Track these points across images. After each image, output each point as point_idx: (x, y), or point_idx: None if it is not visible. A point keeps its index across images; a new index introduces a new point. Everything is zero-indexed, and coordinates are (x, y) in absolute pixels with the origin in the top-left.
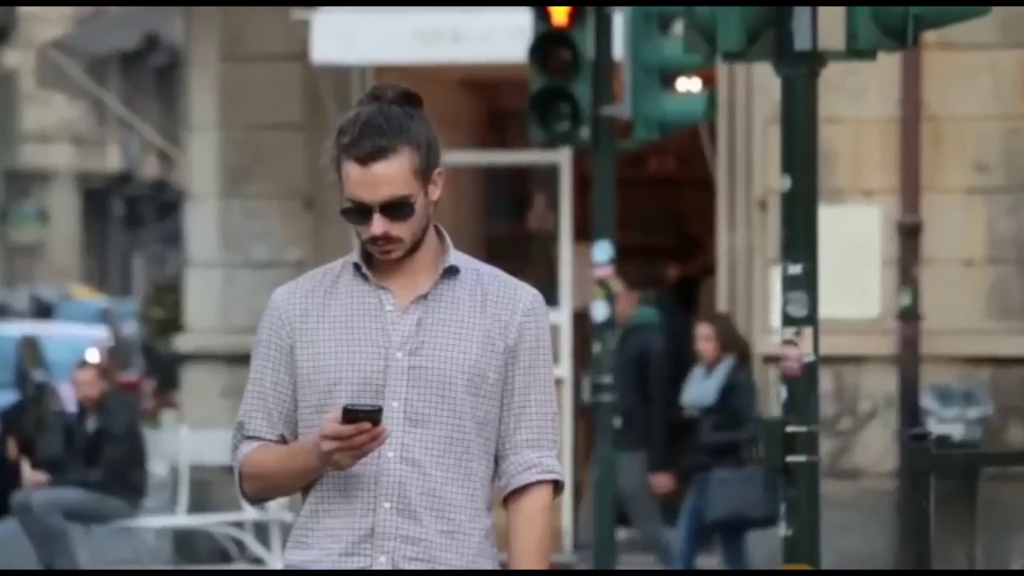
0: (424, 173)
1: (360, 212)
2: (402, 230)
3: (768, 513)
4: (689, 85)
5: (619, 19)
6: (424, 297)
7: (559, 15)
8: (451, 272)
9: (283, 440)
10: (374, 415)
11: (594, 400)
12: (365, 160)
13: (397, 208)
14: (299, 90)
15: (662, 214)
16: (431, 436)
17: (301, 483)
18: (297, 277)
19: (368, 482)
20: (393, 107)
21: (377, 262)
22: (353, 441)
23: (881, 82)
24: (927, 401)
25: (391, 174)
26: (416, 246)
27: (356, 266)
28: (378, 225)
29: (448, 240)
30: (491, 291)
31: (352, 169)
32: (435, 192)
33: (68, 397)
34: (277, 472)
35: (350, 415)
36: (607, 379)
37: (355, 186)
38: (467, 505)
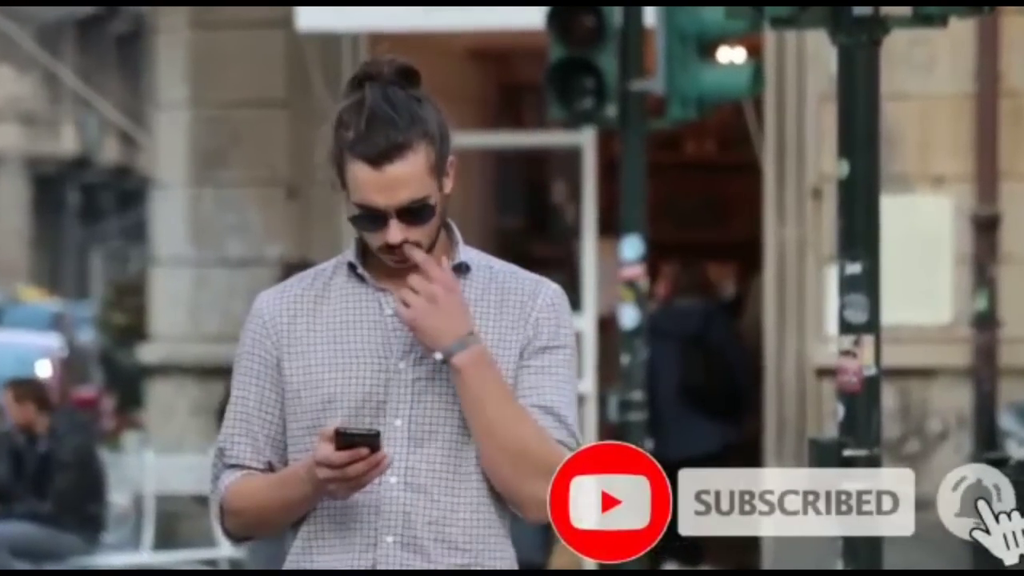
0: (439, 166)
1: (372, 219)
2: (421, 234)
3: None
4: (732, 56)
5: None
6: None
7: None
8: (461, 270)
9: (270, 468)
10: (371, 440)
11: (622, 419)
12: (378, 160)
13: (416, 212)
14: (282, 62)
15: (701, 205)
16: (438, 456)
17: (293, 516)
18: (280, 277)
19: (368, 512)
20: (398, 91)
21: (375, 261)
22: (347, 471)
23: (953, 52)
24: (1006, 420)
25: (408, 175)
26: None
27: (351, 266)
28: (396, 233)
29: (457, 235)
30: (508, 290)
31: (361, 171)
32: (449, 184)
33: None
34: (266, 505)
35: (344, 440)
36: (637, 395)
37: (366, 190)
38: (482, 533)
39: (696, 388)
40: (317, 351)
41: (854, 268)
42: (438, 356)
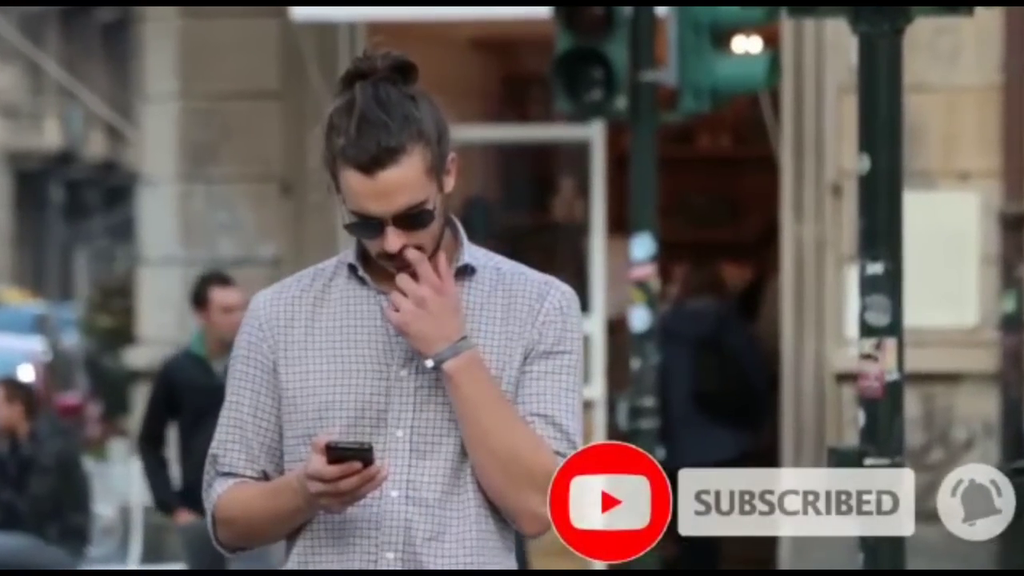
0: (438, 167)
1: (369, 226)
2: (423, 238)
3: None
4: (747, 45)
5: None
6: None
7: None
8: (466, 272)
9: (265, 476)
10: (363, 454)
11: (632, 426)
12: (370, 167)
13: (414, 218)
14: (275, 52)
15: (715, 201)
16: (441, 469)
17: (287, 528)
18: (274, 277)
19: (368, 527)
20: (391, 89)
21: (377, 263)
22: (339, 486)
23: (979, 42)
24: None
25: (403, 180)
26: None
27: (352, 267)
28: (394, 240)
29: (462, 233)
30: (515, 292)
31: (353, 178)
32: (450, 183)
33: None
34: (258, 515)
35: (335, 454)
36: (648, 401)
37: (360, 198)
38: (484, 546)
39: (710, 393)
40: (314, 357)
41: (875, 268)
42: (429, 363)
